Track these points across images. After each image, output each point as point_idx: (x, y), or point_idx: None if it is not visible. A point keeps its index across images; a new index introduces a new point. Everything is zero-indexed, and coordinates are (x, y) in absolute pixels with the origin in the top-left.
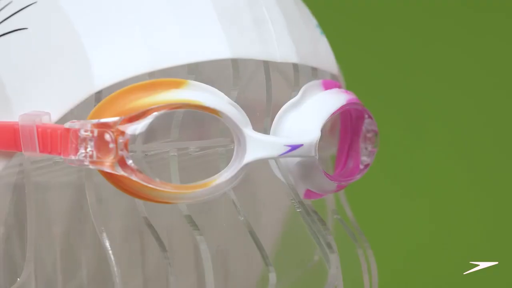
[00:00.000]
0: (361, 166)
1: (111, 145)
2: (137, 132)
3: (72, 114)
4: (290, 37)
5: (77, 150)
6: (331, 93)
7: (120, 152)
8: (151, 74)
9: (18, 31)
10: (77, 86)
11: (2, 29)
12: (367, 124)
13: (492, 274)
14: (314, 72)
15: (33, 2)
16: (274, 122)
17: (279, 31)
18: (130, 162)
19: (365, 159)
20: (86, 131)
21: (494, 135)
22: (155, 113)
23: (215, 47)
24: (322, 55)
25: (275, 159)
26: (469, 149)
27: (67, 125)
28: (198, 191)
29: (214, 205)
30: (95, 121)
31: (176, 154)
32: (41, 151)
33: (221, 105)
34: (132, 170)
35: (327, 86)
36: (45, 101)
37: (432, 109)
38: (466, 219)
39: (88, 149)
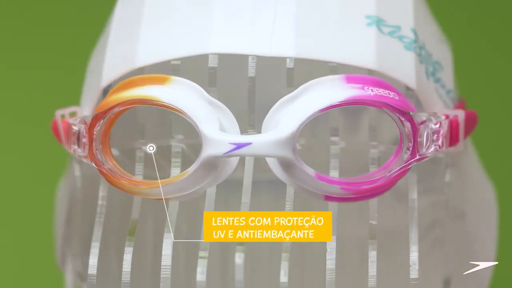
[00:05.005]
0: (397, 167)
1: (83, 140)
2: (99, 127)
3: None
4: (295, 31)
5: (71, 144)
6: (339, 89)
7: (91, 146)
8: (141, 70)
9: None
10: (95, 83)
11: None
12: (404, 122)
13: (492, 274)
14: (333, 67)
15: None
16: (266, 118)
17: (281, 25)
18: (98, 156)
19: (404, 157)
20: (75, 126)
21: (494, 135)
22: (115, 109)
23: (197, 43)
24: (353, 48)
25: (222, 157)
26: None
27: (70, 120)
28: (162, 187)
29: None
30: (83, 117)
31: (180, 150)
32: (65, 144)
33: (183, 102)
34: (98, 163)
35: (351, 81)
36: (84, 97)
37: None
38: None
39: (76, 143)
